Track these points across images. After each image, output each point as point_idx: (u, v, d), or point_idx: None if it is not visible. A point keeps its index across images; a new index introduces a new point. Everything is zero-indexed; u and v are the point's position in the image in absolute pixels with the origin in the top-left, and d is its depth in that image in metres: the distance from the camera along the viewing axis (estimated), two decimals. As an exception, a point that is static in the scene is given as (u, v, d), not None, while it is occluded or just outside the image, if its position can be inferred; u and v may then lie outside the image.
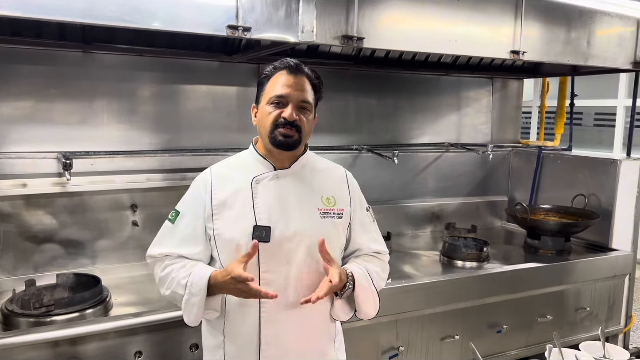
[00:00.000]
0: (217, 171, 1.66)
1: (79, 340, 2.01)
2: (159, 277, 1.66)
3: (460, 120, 3.95)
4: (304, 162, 1.63)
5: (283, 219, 1.53)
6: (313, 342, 1.60)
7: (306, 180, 1.61)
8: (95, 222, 2.74)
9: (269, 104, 1.56)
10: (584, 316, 3.13)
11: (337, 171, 1.70)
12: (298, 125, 1.53)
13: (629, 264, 3.30)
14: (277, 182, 1.58)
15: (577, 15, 2.96)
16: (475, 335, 2.77)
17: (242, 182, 1.58)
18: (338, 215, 1.59)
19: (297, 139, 1.54)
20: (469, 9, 2.64)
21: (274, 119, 1.53)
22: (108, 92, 2.81)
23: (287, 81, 1.53)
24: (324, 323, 1.62)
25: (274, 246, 1.51)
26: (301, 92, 1.53)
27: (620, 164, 3.29)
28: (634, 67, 3.20)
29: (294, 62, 1.58)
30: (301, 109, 1.54)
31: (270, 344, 1.53)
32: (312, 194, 1.59)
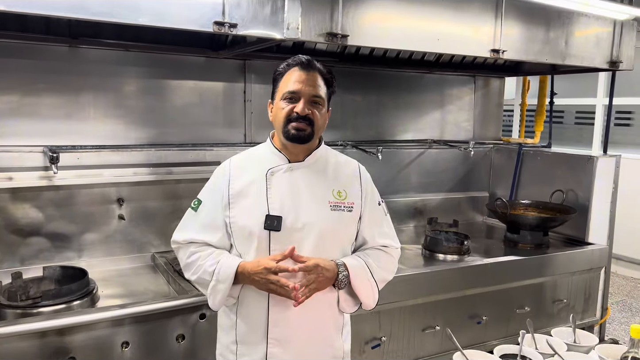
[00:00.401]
0: (236, 162, 1.74)
1: (67, 331, 2.03)
2: (185, 262, 1.75)
3: (443, 118, 4.02)
4: (317, 155, 1.69)
5: (294, 210, 1.60)
6: (319, 328, 1.67)
7: (319, 174, 1.67)
8: (82, 216, 2.76)
9: (282, 99, 1.63)
10: (560, 308, 3.22)
11: (351, 165, 1.76)
12: (310, 119, 1.59)
13: (605, 257, 3.41)
14: (291, 174, 1.65)
15: (555, 15, 3.04)
16: (456, 326, 2.83)
17: (258, 173, 1.65)
18: (348, 209, 1.65)
19: (309, 132, 1.60)
20: (451, 8, 2.71)
21: (287, 114, 1.60)
22: (94, 87, 2.83)
23: (299, 77, 1.60)
24: (331, 311, 1.68)
25: (285, 235, 1.59)
26: (313, 87, 1.60)
27: (597, 160, 3.39)
28: (611, 66, 3.30)
29: (306, 59, 1.64)
30: (313, 104, 1.60)
31: (277, 326, 1.61)
32: (323, 187, 1.65)
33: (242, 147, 3.19)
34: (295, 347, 1.63)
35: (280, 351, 1.62)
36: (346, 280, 1.60)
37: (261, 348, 1.63)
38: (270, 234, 1.58)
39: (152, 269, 2.87)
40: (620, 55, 3.30)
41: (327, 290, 1.63)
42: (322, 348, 1.68)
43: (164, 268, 2.75)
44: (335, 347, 1.71)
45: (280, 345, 1.62)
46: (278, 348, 1.62)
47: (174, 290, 2.53)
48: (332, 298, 1.67)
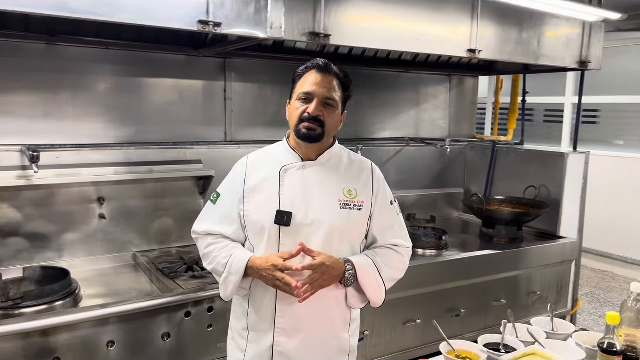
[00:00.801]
0: (253, 158, 1.81)
1: (51, 331, 2.02)
2: (202, 252, 1.83)
3: (419, 116, 4.10)
4: (330, 154, 1.75)
5: (304, 206, 1.65)
6: (324, 321, 1.72)
7: (330, 172, 1.72)
8: (61, 215, 2.73)
9: (297, 99, 1.68)
10: (535, 299, 3.33)
11: (364, 164, 1.81)
12: (321, 120, 1.64)
13: (575, 250, 3.54)
14: (303, 172, 1.71)
15: (528, 16, 3.14)
16: (435, 318, 2.90)
17: (272, 170, 1.72)
18: (357, 207, 1.70)
19: (319, 132, 1.65)
20: (430, 9, 2.77)
21: (300, 114, 1.66)
22: (73, 85, 2.80)
23: (315, 79, 1.65)
24: (337, 305, 1.74)
25: (294, 230, 1.64)
26: (326, 90, 1.65)
27: (568, 157, 3.51)
28: (580, 66, 3.43)
29: (323, 62, 1.69)
30: (325, 105, 1.65)
31: (283, 316, 1.68)
32: (334, 185, 1.70)
33: (222, 145, 3.22)
34: (300, 336, 1.68)
35: (286, 340, 1.68)
36: (352, 278, 1.65)
37: (269, 336, 1.70)
38: (280, 229, 1.64)
39: (133, 267, 2.86)
40: (589, 55, 3.42)
41: (334, 286, 1.68)
42: (327, 339, 1.73)
43: (145, 267, 2.74)
44: (341, 339, 1.76)
45: (286, 334, 1.68)
46: (284, 337, 1.68)
47: (157, 289, 2.53)
48: (339, 293, 1.71)
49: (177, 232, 3.06)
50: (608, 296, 5.03)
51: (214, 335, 2.37)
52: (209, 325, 2.36)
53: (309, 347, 1.69)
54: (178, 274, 2.59)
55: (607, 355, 1.47)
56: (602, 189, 5.19)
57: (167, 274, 2.57)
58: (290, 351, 1.68)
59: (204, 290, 2.36)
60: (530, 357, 1.57)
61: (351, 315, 1.79)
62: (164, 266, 2.67)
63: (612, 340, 1.48)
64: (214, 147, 3.19)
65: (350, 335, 1.79)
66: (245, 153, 3.16)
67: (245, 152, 3.15)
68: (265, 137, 3.39)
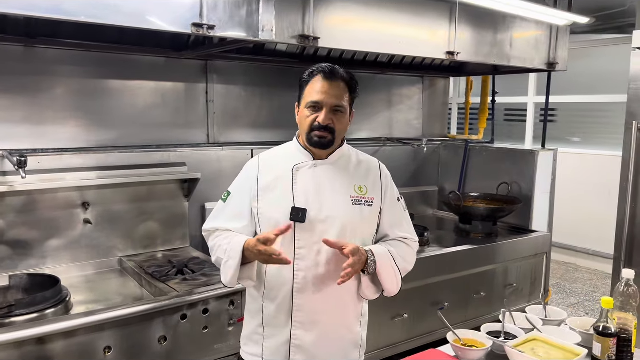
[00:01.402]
0: (264, 158, 1.84)
1: (47, 339, 1.98)
2: (210, 246, 1.85)
3: (394, 116, 4.20)
4: (340, 154, 1.79)
5: (317, 203, 1.69)
6: (340, 314, 1.77)
7: (341, 170, 1.77)
8: (45, 221, 2.66)
9: (306, 107, 1.72)
10: (511, 291, 3.48)
11: (371, 162, 1.86)
12: (331, 128, 1.69)
13: (547, 243, 3.71)
14: (315, 170, 1.75)
15: (501, 20, 3.28)
16: (421, 313, 3.02)
17: (285, 168, 1.76)
18: (368, 203, 1.75)
19: (330, 139, 1.71)
20: (411, 13, 2.86)
21: (310, 123, 1.70)
22: (53, 88, 2.75)
23: (322, 87, 1.68)
24: (351, 299, 1.78)
25: (308, 226, 1.68)
26: (335, 98, 1.69)
27: (538, 154, 3.68)
28: (548, 67, 3.60)
29: (329, 68, 1.72)
30: (334, 112, 1.70)
31: (300, 310, 1.71)
32: (345, 182, 1.75)
33: (205, 148, 3.22)
34: (317, 330, 1.72)
35: (303, 333, 1.72)
36: (373, 265, 1.69)
37: (285, 330, 1.73)
38: (295, 225, 1.68)
39: (119, 272, 2.82)
40: (556, 57, 3.60)
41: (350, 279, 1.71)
42: (342, 333, 1.78)
43: (133, 271, 2.71)
44: (354, 332, 1.81)
45: (303, 327, 1.72)
46: (301, 330, 1.72)
47: (149, 293, 2.51)
48: (352, 286, 1.76)
49: (163, 235, 3.04)
50: (573, 286, 5.27)
51: (210, 337, 2.38)
52: (205, 327, 2.36)
53: (325, 340, 1.74)
54: (169, 277, 2.57)
55: (603, 338, 1.58)
56: (561, 184, 5.42)
57: (157, 277, 2.56)
58: (307, 344, 1.72)
59: (199, 292, 2.36)
60: (532, 343, 1.66)
61: (362, 309, 1.84)
62: (154, 270, 2.65)
63: (606, 323, 1.58)
64: (198, 149, 3.18)
65: (362, 329, 1.85)
66: (228, 155, 3.25)
67: (229, 154, 3.25)
68: (248, 139, 3.41)
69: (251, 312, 1.85)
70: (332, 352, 1.75)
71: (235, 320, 2.45)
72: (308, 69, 1.76)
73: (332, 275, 1.70)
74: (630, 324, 1.61)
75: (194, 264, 2.76)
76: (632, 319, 1.61)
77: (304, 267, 1.69)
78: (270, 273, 1.74)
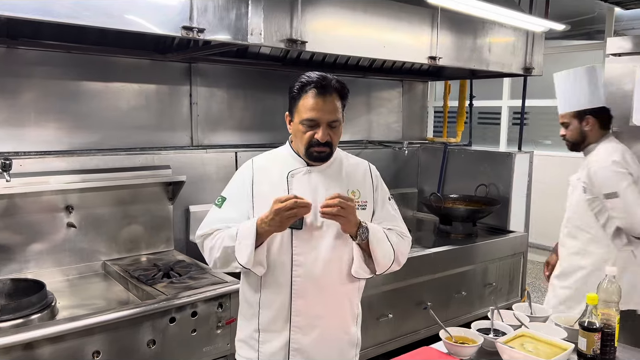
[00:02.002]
0: (258, 163, 1.83)
1: (36, 345, 1.95)
2: (209, 247, 1.77)
3: (375, 119, 4.26)
4: (332, 159, 1.79)
5: (314, 209, 1.68)
6: (337, 317, 1.79)
7: (335, 175, 1.78)
8: (28, 226, 2.62)
9: (301, 124, 1.70)
10: (490, 291, 3.56)
11: (362, 165, 1.88)
12: (330, 142, 1.71)
13: (524, 243, 3.81)
14: (310, 177, 1.76)
15: (481, 26, 3.37)
16: (406, 313, 3.07)
17: (280, 174, 1.76)
18: (362, 207, 1.77)
19: (329, 152, 1.73)
20: (395, 19, 2.92)
21: (309, 140, 1.70)
22: (35, 90, 2.71)
23: (317, 104, 1.67)
24: (349, 302, 1.81)
25: (306, 232, 1.70)
26: (330, 114, 1.68)
27: (515, 156, 3.78)
28: (525, 72, 3.71)
29: (321, 80, 1.69)
30: (331, 127, 1.70)
31: (298, 315, 1.72)
32: (339, 188, 1.75)
33: (189, 150, 3.21)
34: (316, 333, 1.73)
35: (302, 337, 1.73)
36: (366, 233, 1.67)
37: (283, 335, 1.73)
38: (292, 232, 1.69)
39: (103, 277, 2.79)
40: (533, 62, 3.71)
41: (347, 282, 1.75)
42: (340, 334, 1.80)
43: (119, 275, 2.69)
44: (350, 333, 1.84)
45: (302, 331, 1.73)
46: (300, 334, 1.73)
47: (136, 297, 2.49)
48: (352, 287, 1.79)
49: (147, 239, 3.01)
50: (547, 285, 5.40)
51: (199, 340, 2.38)
52: (194, 330, 2.36)
53: (323, 343, 1.75)
54: (156, 280, 2.56)
55: (588, 333, 1.64)
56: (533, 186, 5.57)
57: (144, 281, 2.54)
58: (306, 347, 1.73)
59: (188, 295, 2.36)
60: (521, 339, 1.72)
61: (357, 308, 1.87)
62: (140, 274, 2.63)
63: (591, 319, 1.65)
64: (182, 152, 3.17)
65: (357, 328, 1.88)
66: (213, 158, 3.25)
67: (214, 157, 3.25)
68: (232, 142, 3.41)
69: (246, 317, 1.84)
70: (330, 353, 1.77)
71: (224, 323, 2.46)
72: (298, 79, 1.73)
73: (330, 279, 1.72)
74: (613, 320, 1.68)
75: (180, 267, 2.75)
76: (615, 315, 1.69)
77: (302, 273, 1.70)
78: (268, 280, 1.74)
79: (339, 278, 1.75)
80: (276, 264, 1.72)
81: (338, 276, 1.74)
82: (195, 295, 2.38)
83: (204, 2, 2.23)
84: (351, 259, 1.74)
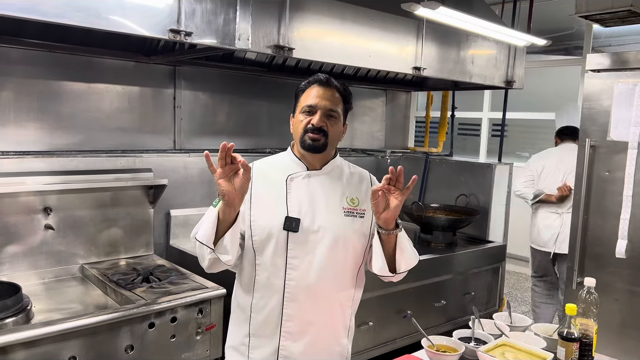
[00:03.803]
0: (259, 167, 1.81)
1: (9, 349, 1.91)
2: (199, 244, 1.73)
3: (358, 127, 4.28)
4: (333, 165, 1.80)
5: (311, 213, 1.69)
6: (329, 326, 1.76)
7: (334, 182, 1.78)
8: (4, 227, 2.57)
9: (301, 112, 1.74)
10: (469, 300, 3.59)
11: (363, 175, 1.87)
12: (325, 131, 1.70)
13: (503, 253, 3.86)
14: (309, 181, 1.75)
15: (464, 39, 3.42)
16: (386, 321, 3.07)
17: (279, 178, 1.76)
18: (360, 215, 1.75)
19: (323, 142, 1.71)
20: (381, 29, 2.95)
21: (304, 126, 1.72)
22: (15, 89, 2.67)
23: (317, 93, 1.72)
24: (342, 311, 1.78)
25: (302, 236, 1.68)
26: (329, 102, 1.71)
27: (495, 167, 3.83)
28: (506, 85, 3.78)
29: (325, 77, 1.76)
30: (329, 117, 1.71)
31: (290, 321, 1.70)
32: (338, 194, 1.75)
33: (172, 154, 3.19)
34: (306, 340, 1.72)
35: (292, 344, 1.71)
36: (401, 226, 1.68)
37: (273, 341, 1.72)
38: (288, 234, 1.68)
39: (81, 280, 2.74)
40: (514, 76, 3.78)
41: (340, 289, 1.74)
42: (330, 344, 1.77)
43: (97, 279, 2.65)
44: (342, 345, 1.81)
45: (292, 338, 1.71)
46: (290, 341, 1.71)
47: (114, 301, 2.45)
48: (344, 297, 1.77)
49: (127, 243, 2.97)
50: (524, 295, 5.49)
51: (178, 346, 2.35)
52: (173, 336, 2.34)
53: (313, 351, 1.73)
54: (135, 285, 2.53)
55: (567, 343, 1.67)
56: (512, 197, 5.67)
57: (123, 285, 2.51)
58: (295, 355, 1.72)
59: (167, 300, 2.33)
60: (502, 348, 1.74)
61: (350, 322, 1.85)
62: (118, 278, 2.59)
63: (570, 329, 1.68)
64: (164, 155, 3.14)
65: (349, 342, 1.85)
66: (196, 162, 3.23)
67: (196, 161, 3.23)
68: (214, 146, 3.33)
69: (238, 322, 1.82)
70: None
71: (203, 329, 2.43)
72: (305, 80, 1.78)
73: (324, 286, 1.71)
74: (591, 330, 1.71)
75: (160, 272, 2.72)
76: (593, 325, 1.72)
77: (296, 276, 1.69)
78: (260, 283, 1.73)
79: (333, 284, 1.74)
80: (270, 265, 1.71)
81: (332, 282, 1.73)
82: (175, 300, 2.35)
83: (192, 5, 2.22)
84: (348, 265, 1.73)
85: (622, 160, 2.74)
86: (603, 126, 2.82)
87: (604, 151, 2.82)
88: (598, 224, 2.88)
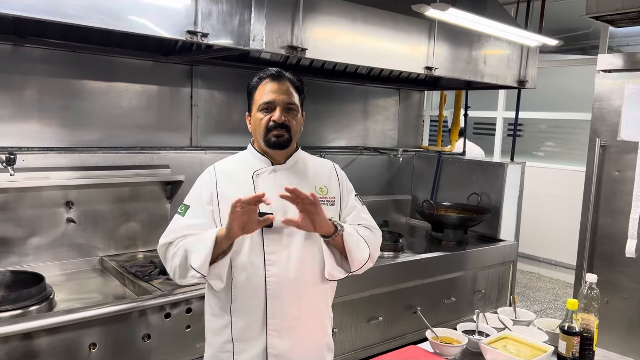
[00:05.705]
0: (220, 167, 1.82)
1: (34, 335, 2.01)
2: (171, 254, 1.71)
3: (372, 126, 4.33)
4: (297, 158, 1.82)
5: (282, 207, 1.67)
6: (315, 320, 1.78)
7: (300, 173, 1.80)
8: (28, 220, 2.68)
9: (259, 110, 1.74)
10: (480, 297, 3.63)
11: (327, 164, 1.91)
12: (287, 126, 1.72)
13: (514, 252, 3.88)
14: (275, 176, 1.76)
15: (477, 39, 3.45)
16: (396, 316, 3.13)
17: (245, 175, 1.76)
18: (330, 203, 1.79)
19: (287, 137, 1.73)
20: (393, 29, 3.00)
21: (266, 124, 1.72)
22: (39, 87, 2.77)
23: (272, 88, 1.71)
24: (325, 303, 1.81)
25: (276, 231, 1.69)
26: (286, 96, 1.72)
27: (507, 167, 3.86)
28: (519, 85, 3.80)
29: (276, 70, 1.76)
30: (288, 111, 1.73)
31: (275, 318, 1.69)
32: (306, 185, 1.76)
33: (189, 151, 3.27)
34: (294, 336, 1.71)
35: (280, 341, 1.69)
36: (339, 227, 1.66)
37: (260, 341, 1.70)
38: (263, 231, 1.68)
39: (100, 272, 2.85)
40: (527, 76, 3.80)
41: (320, 282, 1.74)
42: (318, 336, 1.80)
43: (116, 271, 2.74)
44: (329, 335, 1.85)
45: (280, 335, 1.69)
46: (277, 339, 1.69)
47: (132, 292, 2.55)
48: (326, 289, 1.80)
49: (145, 237, 3.07)
50: (536, 295, 5.50)
51: (192, 336, 2.43)
52: (188, 326, 2.42)
53: (302, 346, 1.73)
54: (152, 277, 2.62)
55: (568, 337, 1.71)
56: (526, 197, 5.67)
57: (141, 277, 2.60)
58: (285, 352, 1.70)
59: (183, 292, 2.42)
60: (504, 341, 1.79)
61: (330, 312, 1.87)
62: (137, 270, 2.69)
63: (571, 323, 1.72)
64: (181, 152, 3.23)
65: (333, 334, 1.89)
66: (211, 159, 3.30)
67: (212, 158, 3.30)
68: (229, 144, 3.48)
69: (214, 331, 1.78)
70: (309, 357, 1.75)
71: (217, 320, 2.51)
72: (255, 76, 1.78)
73: (305, 278, 1.71)
74: (592, 325, 1.75)
75: (177, 265, 2.81)
76: (594, 320, 1.76)
77: (276, 272, 1.67)
78: (239, 285, 1.69)
79: (313, 277, 1.73)
80: (248, 265, 1.68)
81: (312, 275, 1.72)
82: (190, 292, 2.43)
83: (208, 7, 2.30)
84: (323, 259, 1.71)
85: (632, 160, 2.76)
86: (613, 126, 2.85)
87: (614, 151, 2.84)
88: (608, 223, 2.90)
